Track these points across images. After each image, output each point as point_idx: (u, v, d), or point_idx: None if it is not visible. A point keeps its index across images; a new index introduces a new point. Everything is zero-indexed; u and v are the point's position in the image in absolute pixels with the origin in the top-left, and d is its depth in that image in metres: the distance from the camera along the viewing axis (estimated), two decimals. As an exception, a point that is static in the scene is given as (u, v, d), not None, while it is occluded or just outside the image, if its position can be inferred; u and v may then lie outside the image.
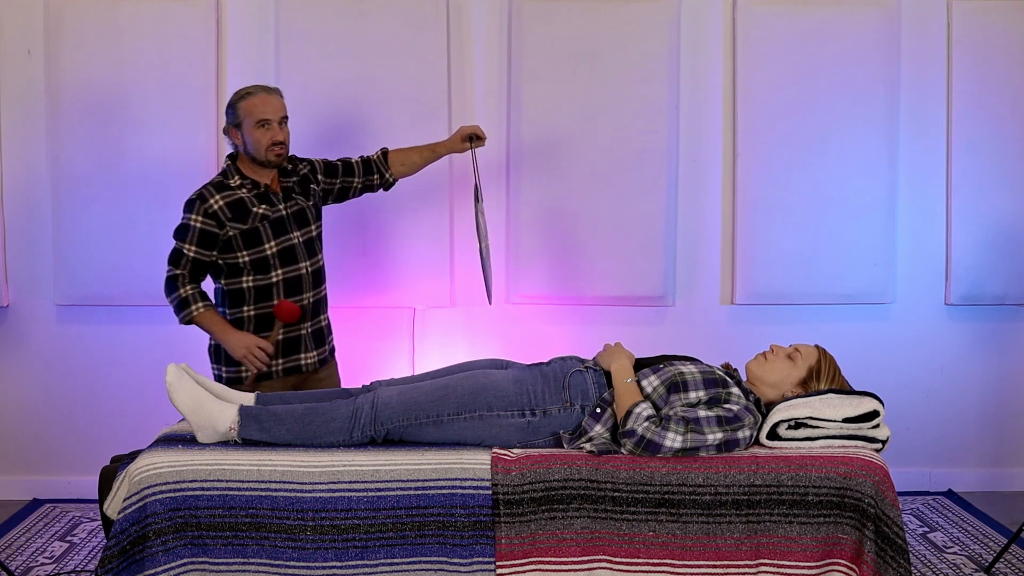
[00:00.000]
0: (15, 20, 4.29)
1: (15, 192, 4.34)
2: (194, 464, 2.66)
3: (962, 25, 4.38)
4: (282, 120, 3.37)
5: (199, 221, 3.31)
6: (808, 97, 4.34)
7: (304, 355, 3.44)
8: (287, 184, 3.46)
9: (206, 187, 3.38)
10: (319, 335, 3.51)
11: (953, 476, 4.58)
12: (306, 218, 3.46)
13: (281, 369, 3.40)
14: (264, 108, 3.33)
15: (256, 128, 3.33)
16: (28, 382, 4.41)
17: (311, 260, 3.45)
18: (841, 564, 2.65)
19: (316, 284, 3.47)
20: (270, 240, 3.36)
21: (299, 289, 3.41)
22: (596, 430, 2.74)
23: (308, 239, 3.45)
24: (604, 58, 4.28)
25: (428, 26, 4.26)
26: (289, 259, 3.39)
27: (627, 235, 4.32)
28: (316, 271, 3.47)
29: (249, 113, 3.34)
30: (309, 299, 3.44)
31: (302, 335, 3.43)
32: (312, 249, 3.46)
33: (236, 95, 3.39)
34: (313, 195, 3.52)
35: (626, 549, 2.66)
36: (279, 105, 3.38)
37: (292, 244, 3.40)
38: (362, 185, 3.65)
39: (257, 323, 3.37)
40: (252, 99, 3.35)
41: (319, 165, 3.59)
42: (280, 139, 3.35)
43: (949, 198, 4.44)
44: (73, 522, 4.14)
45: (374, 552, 2.64)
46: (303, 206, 3.46)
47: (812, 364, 2.88)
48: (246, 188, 3.37)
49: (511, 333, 4.40)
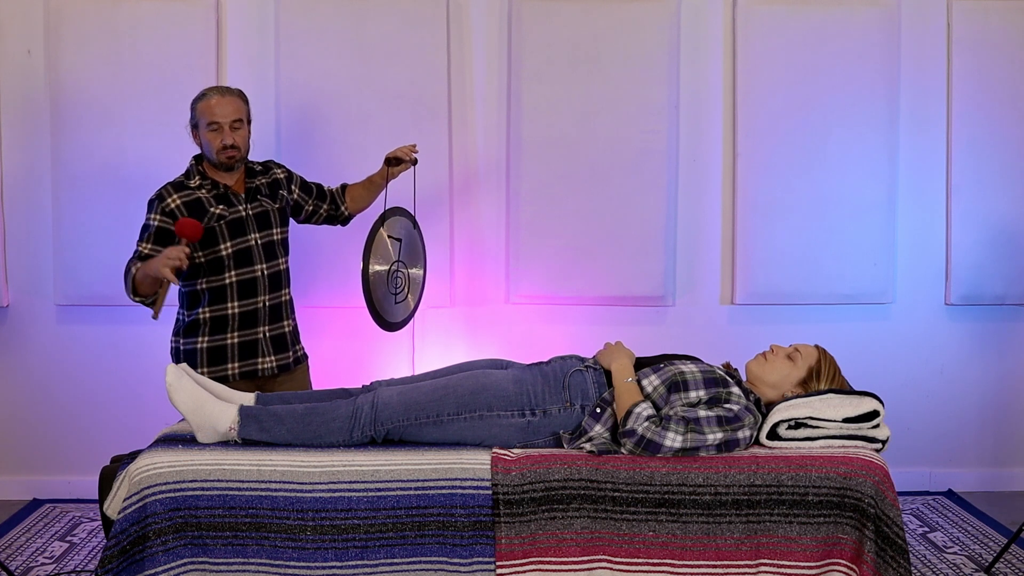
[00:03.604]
0: (15, 20, 4.29)
1: (15, 192, 4.35)
2: (194, 464, 2.66)
3: (962, 25, 4.38)
4: (235, 123, 3.33)
5: (157, 220, 3.30)
6: (808, 97, 4.34)
7: (261, 359, 3.41)
8: (253, 185, 3.44)
9: (165, 187, 3.36)
10: (280, 340, 3.47)
11: (953, 476, 4.58)
12: (268, 221, 3.43)
13: (238, 372, 3.38)
14: (215, 111, 3.31)
15: (208, 130, 3.33)
16: (28, 382, 4.41)
17: (268, 263, 3.41)
18: (841, 564, 2.65)
19: (274, 288, 3.43)
20: (226, 240, 3.33)
21: (253, 292, 3.38)
22: (596, 430, 2.74)
23: (268, 242, 3.42)
24: (604, 58, 4.28)
25: (428, 26, 4.26)
26: (244, 261, 3.36)
27: (627, 235, 4.32)
28: (274, 275, 3.43)
29: (202, 115, 3.33)
30: (264, 302, 3.40)
31: (259, 339, 3.41)
32: (272, 252, 3.43)
33: (196, 96, 3.38)
34: (281, 200, 3.50)
35: (626, 549, 2.66)
36: (233, 108, 3.33)
37: (249, 246, 3.37)
38: (327, 213, 3.65)
39: (212, 325, 3.36)
40: (206, 101, 3.34)
41: (297, 179, 3.58)
42: (229, 142, 3.31)
43: (949, 198, 4.44)
44: (73, 522, 4.14)
45: (374, 552, 2.64)
46: (268, 208, 3.44)
47: (812, 364, 2.88)
48: (205, 188, 3.36)
49: (511, 333, 4.40)
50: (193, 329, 3.37)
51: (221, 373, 3.35)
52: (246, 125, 3.39)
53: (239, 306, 3.36)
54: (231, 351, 3.37)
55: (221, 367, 3.36)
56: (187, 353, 3.37)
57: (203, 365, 3.35)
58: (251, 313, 3.38)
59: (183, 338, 3.39)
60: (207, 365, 3.36)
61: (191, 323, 3.37)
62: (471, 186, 4.39)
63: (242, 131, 3.36)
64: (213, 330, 3.36)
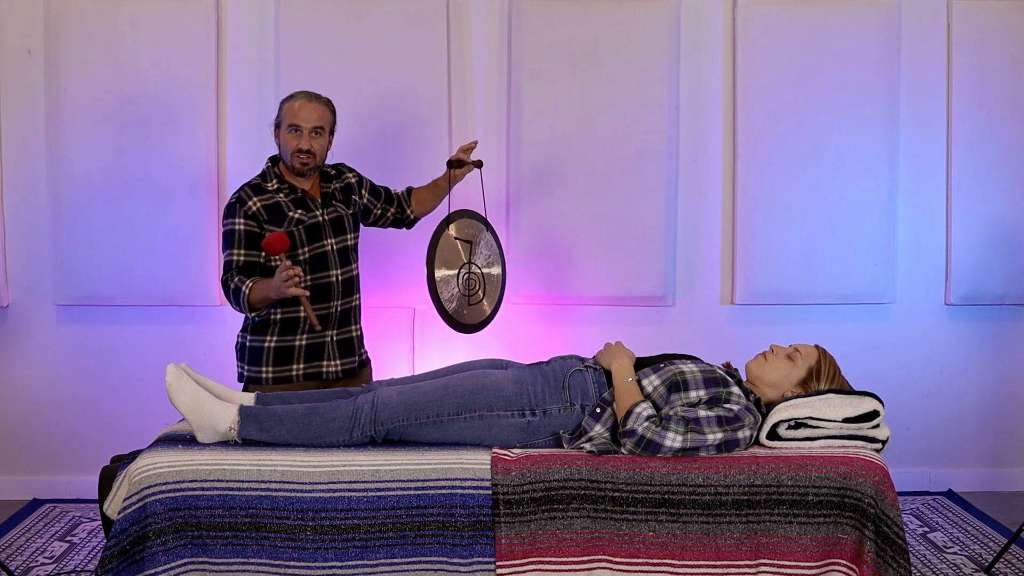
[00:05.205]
0: (15, 20, 4.29)
1: (15, 192, 4.34)
2: (194, 464, 2.66)
3: (962, 25, 4.38)
4: (316, 129, 3.33)
5: (242, 224, 3.29)
6: (808, 97, 4.34)
7: (327, 362, 3.42)
8: (327, 190, 3.45)
9: (243, 189, 3.36)
10: (347, 345, 3.47)
11: (953, 476, 4.58)
12: (343, 226, 3.44)
13: (302, 373, 3.39)
14: (298, 114, 3.33)
15: (288, 132, 3.34)
16: (28, 382, 4.41)
17: (343, 268, 3.43)
18: (841, 564, 2.65)
19: (346, 293, 3.45)
20: (304, 246, 3.34)
21: (327, 296, 3.39)
22: (596, 430, 2.74)
23: (343, 247, 3.44)
24: (604, 58, 4.28)
25: (428, 26, 4.26)
26: (320, 266, 3.37)
27: (627, 235, 4.33)
28: (347, 280, 3.45)
29: (286, 116, 3.35)
30: (337, 307, 3.41)
31: (326, 343, 3.42)
32: (346, 258, 3.45)
33: (285, 97, 3.41)
34: (354, 205, 3.51)
35: (626, 549, 2.66)
36: (317, 115, 3.34)
37: (325, 251, 3.38)
38: (393, 217, 3.66)
39: (283, 327, 3.36)
40: (291, 103, 3.36)
41: (367, 182, 3.59)
42: (306, 147, 3.32)
43: (949, 198, 4.44)
44: (73, 522, 4.14)
45: (374, 552, 2.64)
46: (342, 214, 3.45)
47: (812, 364, 2.88)
48: (283, 192, 3.36)
49: (511, 333, 4.40)
50: (263, 328, 3.37)
51: (286, 373, 3.37)
52: (327, 134, 3.39)
53: (312, 309, 3.36)
54: (298, 352, 3.38)
55: (287, 367, 3.37)
56: (253, 350, 3.38)
57: (269, 364, 3.36)
58: (323, 317, 3.38)
59: (251, 335, 3.39)
60: (273, 364, 3.36)
61: (262, 322, 3.37)
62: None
63: (321, 139, 3.36)
64: (283, 330, 3.36)
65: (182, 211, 4.25)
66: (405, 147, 4.27)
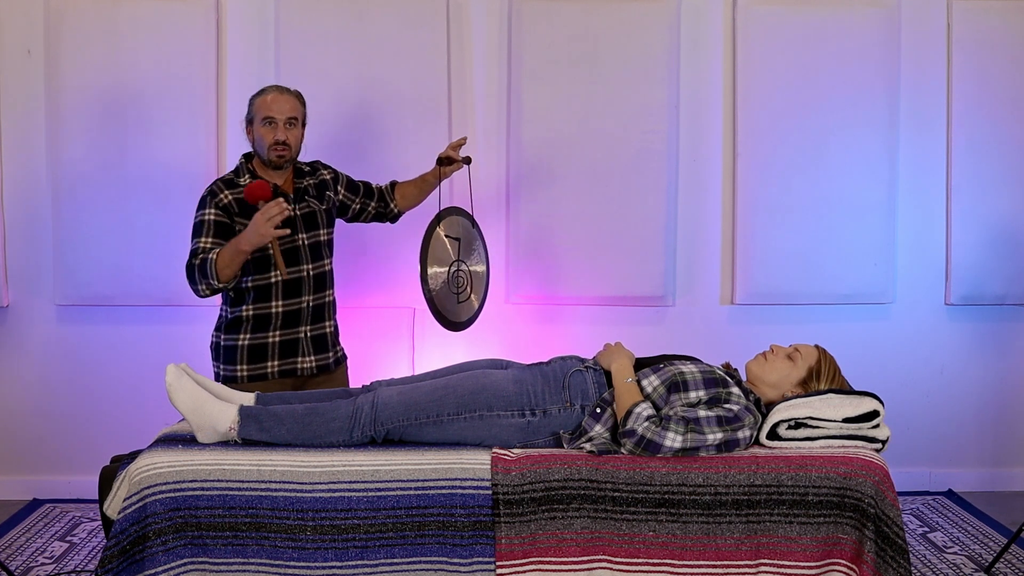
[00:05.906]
0: (15, 20, 4.29)
1: (15, 192, 4.35)
2: (194, 464, 2.66)
3: (962, 25, 4.38)
4: (290, 121, 3.36)
5: (212, 214, 3.30)
6: (808, 97, 4.34)
7: (301, 359, 3.43)
8: (301, 185, 3.46)
9: (216, 183, 3.38)
10: (321, 341, 3.48)
11: (953, 476, 4.58)
12: (316, 221, 3.45)
13: (277, 371, 3.40)
14: (271, 106, 3.34)
15: (262, 125, 3.35)
16: (28, 382, 4.41)
17: (315, 264, 3.43)
18: (841, 564, 2.65)
19: (318, 288, 3.45)
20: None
21: (298, 291, 3.40)
22: (596, 430, 2.74)
23: (315, 242, 3.44)
24: (604, 58, 4.28)
25: (428, 26, 4.26)
26: (291, 260, 3.38)
27: (627, 235, 4.33)
28: (319, 275, 3.45)
29: (259, 110, 3.36)
30: (309, 302, 3.42)
31: (300, 338, 3.43)
32: (318, 253, 3.45)
33: (255, 92, 3.42)
34: (328, 201, 3.51)
35: (626, 549, 2.66)
36: (289, 106, 3.37)
37: (296, 246, 3.39)
38: (375, 211, 3.66)
39: (255, 322, 3.37)
40: (263, 96, 3.38)
41: (343, 178, 3.59)
42: (282, 139, 3.34)
43: (949, 198, 4.44)
44: (73, 522, 4.14)
45: (374, 552, 2.64)
46: (315, 209, 3.45)
47: (812, 364, 2.88)
48: None
49: (511, 333, 4.40)
50: (235, 326, 3.37)
51: (260, 371, 3.37)
52: (300, 126, 3.41)
53: (283, 305, 3.37)
54: (272, 349, 3.38)
55: (261, 364, 3.38)
56: (227, 349, 3.38)
57: (243, 362, 3.37)
58: (294, 312, 3.39)
59: (224, 334, 3.40)
60: (247, 362, 3.37)
61: (233, 320, 3.37)
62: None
63: (295, 131, 3.39)
64: (255, 328, 3.37)
65: (182, 211, 4.23)
66: (405, 146, 4.27)
